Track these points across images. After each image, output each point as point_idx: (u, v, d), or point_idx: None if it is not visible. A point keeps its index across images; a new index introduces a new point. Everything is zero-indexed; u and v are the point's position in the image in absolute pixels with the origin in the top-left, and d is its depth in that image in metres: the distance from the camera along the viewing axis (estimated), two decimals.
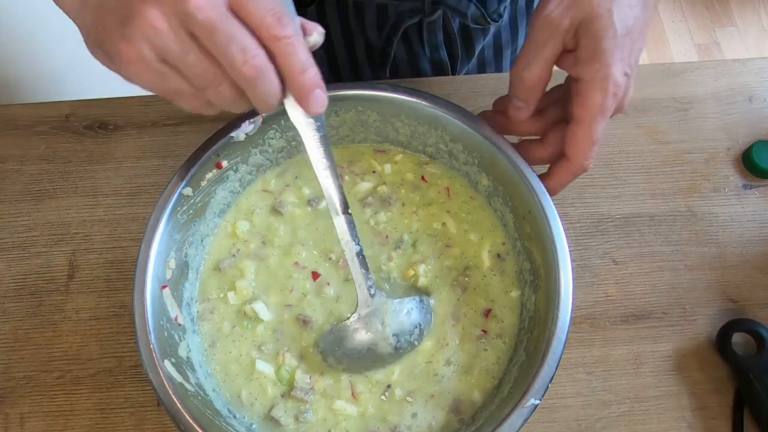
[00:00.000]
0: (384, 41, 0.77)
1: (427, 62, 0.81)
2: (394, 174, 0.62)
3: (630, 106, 0.73)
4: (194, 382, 0.50)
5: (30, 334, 0.62)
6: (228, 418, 0.51)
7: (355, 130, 0.61)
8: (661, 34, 2.00)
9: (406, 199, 0.61)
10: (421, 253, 0.58)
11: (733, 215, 0.68)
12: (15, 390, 0.60)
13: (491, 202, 0.59)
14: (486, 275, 0.58)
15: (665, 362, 0.61)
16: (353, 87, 0.57)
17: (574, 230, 0.66)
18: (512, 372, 0.53)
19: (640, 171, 0.70)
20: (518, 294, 0.57)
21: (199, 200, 0.55)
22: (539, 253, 0.53)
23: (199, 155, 0.54)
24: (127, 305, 0.57)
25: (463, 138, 0.57)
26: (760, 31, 2.02)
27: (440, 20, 0.76)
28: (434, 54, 0.80)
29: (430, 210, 0.60)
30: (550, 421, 0.59)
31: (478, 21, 0.77)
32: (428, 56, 0.80)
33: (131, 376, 0.60)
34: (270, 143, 0.59)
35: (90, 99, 0.73)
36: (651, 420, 0.59)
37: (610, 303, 0.64)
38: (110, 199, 0.67)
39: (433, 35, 0.78)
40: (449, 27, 0.78)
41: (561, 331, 0.48)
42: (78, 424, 0.58)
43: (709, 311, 0.63)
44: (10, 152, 0.70)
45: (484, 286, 0.57)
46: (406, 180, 0.62)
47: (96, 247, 0.65)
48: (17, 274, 0.64)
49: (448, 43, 0.80)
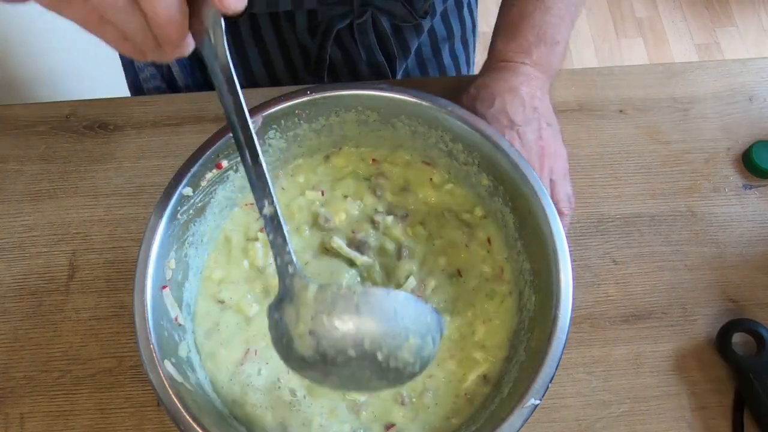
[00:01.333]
0: (318, 47, 0.78)
1: (365, 65, 0.81)
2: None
3: (630, 106, 0.73)
4: (194, 382, 0.50)
5: (30, 334, 0.62)
6: (228, 417, 0.51)
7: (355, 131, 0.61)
8: (661, 34, 2.00)
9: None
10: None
11: (733, 215, 0.68)
12: (15, 390, 0.60)
13: (491, 202, 0.59)
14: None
15: (665, 362, 0.61)
16: (353, 87, 0.57)
17: (574, 230, 0.66)
18: (512, 372, 0.53)
19: (640, 171, 0.70)
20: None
21: (199, 200, 0.55)
22: (539, 253, 0.53)
23: (199, 155, 0.54)
24: (127, 305, 0.57)
25: (463, 138, 0.57)
26: (760, 31, 2.02)
27: (370, 21, 0.77)
28: (370, 57, 0.81)
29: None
30: (550, 421, 0.59)
31: (407, 19, 0.77)
32: (365, 59, 0.81)
33: (131, 376, 0.60)
34: (270, 143, 0.59)
35: (90, 99, 0.73)
36: (651, 420, 0.59)
37: (610, 303, 0.64)
38: (110, 199, 0.67)
39: (365, 36, 0.78)
40: (380, 27, 0.79)
41: (561, 331, 0.48)
42: (78, 424, 0.58)
43: (709, 311, 0.63)
44: (10, 152, 0.70)
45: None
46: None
47: (96, 247, 0.65)
48: (17, 274, 0.64)
49: (382, 44, 0.80)
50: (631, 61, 1.95)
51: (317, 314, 0.39)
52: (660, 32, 2.01)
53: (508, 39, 0.64)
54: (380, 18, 0.77)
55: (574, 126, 0.72)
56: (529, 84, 0.61)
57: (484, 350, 0.55)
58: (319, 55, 0.79)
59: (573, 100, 0.73)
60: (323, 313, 0.39)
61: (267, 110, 0.56)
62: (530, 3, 0.63)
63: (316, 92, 0.56)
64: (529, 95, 0.60)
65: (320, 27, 0.76)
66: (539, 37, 0.62)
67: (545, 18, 0.62)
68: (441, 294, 0.57)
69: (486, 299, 0.57)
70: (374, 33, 0.79)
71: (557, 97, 0.73)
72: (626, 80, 0.74)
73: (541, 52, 0.62)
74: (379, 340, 0.39)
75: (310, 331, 0.39)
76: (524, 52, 0.62)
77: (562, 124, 0.72)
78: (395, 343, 0.39)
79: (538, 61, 0.62)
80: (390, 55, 0.82)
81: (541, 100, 0.61)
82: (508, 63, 0.63)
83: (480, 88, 0.62)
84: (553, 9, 0.63)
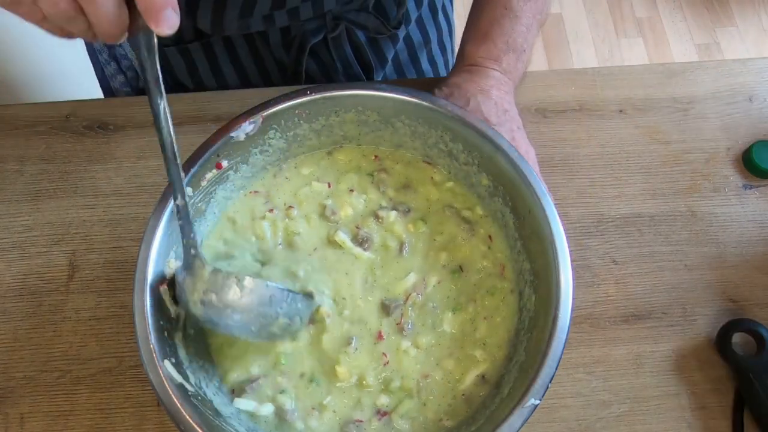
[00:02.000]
0: (294, 61, 0.78)
1: (341, 76, 0.82)
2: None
3: (630, 106, 0.73)
4: (194, 382, 0.50)
5: (30, 334, 0.62)
6: (228, 417, 0.51)
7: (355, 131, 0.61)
8: (661, 34, 2.00)
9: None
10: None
11: (733, 215, 0.68)
12: (15, 390, 0.60)
13: (491, 202, 0.59)
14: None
15: (665, 362, 0.61)
16: (353, 87, 0.57)
17: (574, 230, 0.66)
18: (512, 372, 0.53)
19: (640, 171, 0.70)
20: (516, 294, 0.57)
21: (199, 200, 0.55)
22: (539, 253, 0.53)
23: (199, 155, 0.54)
24: (127, 305, 0.57)
25: (463, 138, 0.57)
26: (760, 31, 2.02)
27: (344, 34, 0.78)
28: (347, 68, 0.81)
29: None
30: (550, 421, 0.59)
31: (381, 31, 0.78)
32: (341, 70, 0.81)
33: (131, 376, 0.60)
34: (270, 143, 0.59)
35: (90, 99, 0.73)
36: (651, 420, 0.59)
37: (610, 303, 0.64)
38: (110, 199, 0.67)
39: (340, 49, 0.79)
40: (355, 39, 0.79)
41: (561, 331, 0.48)
42: (78, 424, 0.58)
43: (709, 311, 0.63)
44: (10, 152, 0.70)
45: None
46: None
47: (96, 247, 0.65)
48: (17, 274, 0.64)
49: (358, 55, 0.81)
50: (631, 61, 1.95)
51: (207, 290, 0.50)
52: (660, 32, 2.01)
53: (478, 44, 0.65)
54: (355, 30, 0.77)
55: (574, 126, 0.72)
56: (499, 88, 0.63)
57: (485, 348, 0.55)
58: (295, 69, 0.79)
59: (573, 100, 0.73)
60: (212, 291, 0.49)
61: (267, 110, 0.56)
62: (499, 10, 0.65)
63: (316, 92, 0.56)
64: (500, 98, 0.62)
65: (294, 42, 0.76)
66: (508, 45, 0.64)
67: (514, 27, 0.65)
68: (443, 290, 0.57)
69: (487, 295, 0.57)
70: (350, 45, 0.79)
71: (557, 97, 0.73)
72: (626, 80, 0.74)
73: (510, 60, 0.64)
74: (254, 317, 0.50)
75: (201, 300, 0.50)
76: (494, 59, 0.64)
77: (562, 124, 0.72)
78: (266, 321, 0.51)
79: (507, 69, 0.64)
80: (367, 65, 0.82)
81: (510, 103, 0.63)
82: (479, 67, 0.65)
83: (452, 87, 0.63)
84: (522, 18, 0.65)
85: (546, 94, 0.74)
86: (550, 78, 0.75)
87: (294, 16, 0.71)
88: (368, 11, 0.76)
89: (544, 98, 0.73)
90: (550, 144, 0.71)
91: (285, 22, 0.72)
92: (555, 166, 0.70)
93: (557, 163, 0.70)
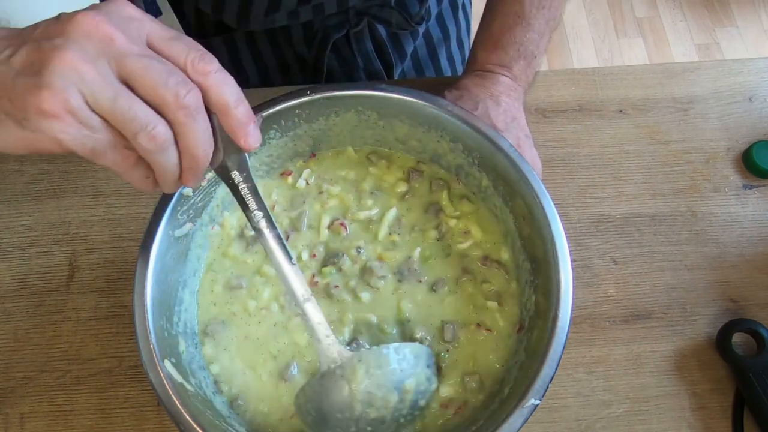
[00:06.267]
0: (315, 56, 0.78)
1: (362, 72, 0.82)
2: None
3: (630, 106, 0.73)
4: (194, 382, 0.50)
5: (30, 334, 0.62)
6: (228, 418, 0.51)
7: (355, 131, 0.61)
8: (662, 34, 2.00)
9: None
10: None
11: (733, 215, 0.68)
12: (15, 390, 0.60)
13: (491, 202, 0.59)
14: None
15: (665, 362, 0.61)
16: (353, 87, 0.57)
17: (574, 230, 0.66)
18: (512, 372, 0.53)
19: (640, 171, 0.70)
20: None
21: (199, 200, 0.55)
22: (539, 253, 0.53)
23: None
24: (127, 305, 0.57)
25: (463, 138, 0.57)
26: (760, 31, 2.02)
27: (366, 30, 0.78)
28: (368, 64, 0.81)
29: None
30: (550, 421, 0.59)
31: (403, 26, 0.78)
32: (362, 66, 0.81)
33: (131, 376, 0.60)
34: (270, 143, 0.59)
35: None
36: (651, 420, 0.59)
37: (610, 303, 0.64)
38: (110, 199, 0.67)
39: (362, 45, 0.79)
40: (377, 35, 0.79)
41: (561, 331, 0.48)
42: (78, 424, 0.58)
43: (709, 311, 0.63)
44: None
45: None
46: None
47: (96, 247, 0.65)
48: (17, 274, 0.64)
49: (379, 51, 0.81)
50: (631, 61, 1.95)
51: (372, 378, 0.46)
52: (660, 32, 2.01)
53: (489, 51, 0.65)
54: (376, 26, 0.78)
55: (574, 126, 0.72)
56: (509, 95, 0.63)
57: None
58: (315, 65, 0.79)
59: (573, 100, 0.73)
60: (375, 374, 0.46)
61: (267, 110, 0.56)
62: (512, 17, 0.65)
63: (316, 92, 0.56)
64: (509, 105, 0.62)
65: (317, 37, 0.76)
66: (520, 53, 0.64)
67: (527, 34, 0.64)
68: (436, 269, 0.57)
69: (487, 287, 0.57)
70: (371, 41, 0.79)
71: (557, 97, 0.73)
72: (626, 80, 0.74)
73: (520, 67, 0.64)
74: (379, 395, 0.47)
75: (363, 397, 0.46)
76: (505, 66, 0.64)
77: (562, 124, 0.72)
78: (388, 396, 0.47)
79: (517, 75, 0.64)
80: (387, 62, 0.82)
81: (519, 111, 0.63)
82: (490, 72, 0.65)
83: (463, 90, 0.63)
84: (535, 26, 0.65)
85: (546, 94, 0.74)
86: (550, 78, 0.75)
87: (318, 11, 0.71)
88: (391, 6, 0.76)
89: (544, 98, 0.73)
90: (550, 144, 0.71)
91: (309, 16, 0.72)
92: (555, 166, 0.70)
93: (557, 163, 0.70)
